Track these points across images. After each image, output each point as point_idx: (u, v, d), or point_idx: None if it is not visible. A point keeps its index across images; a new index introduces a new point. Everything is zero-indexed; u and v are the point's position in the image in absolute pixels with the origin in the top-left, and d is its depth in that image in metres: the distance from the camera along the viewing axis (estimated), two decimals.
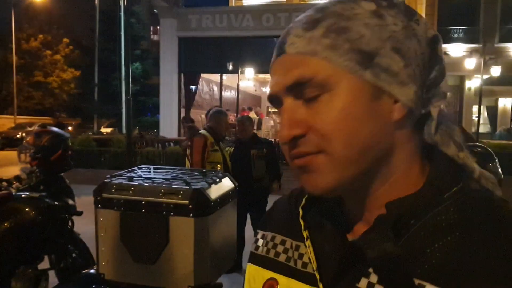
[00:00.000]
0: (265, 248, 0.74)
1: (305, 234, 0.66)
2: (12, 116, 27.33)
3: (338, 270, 0.60)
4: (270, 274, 0.71)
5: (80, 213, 3.30)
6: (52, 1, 30.92)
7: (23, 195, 3.15)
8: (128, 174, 2.20)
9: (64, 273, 3.35)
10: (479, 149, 3.36)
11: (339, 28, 0.57)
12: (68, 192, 3.57)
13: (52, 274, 3.31)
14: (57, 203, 3.24)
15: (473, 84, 16.85)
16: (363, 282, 0.57)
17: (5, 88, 30.39)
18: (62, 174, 3.61)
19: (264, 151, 5.07)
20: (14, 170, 3.74)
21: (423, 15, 27.46)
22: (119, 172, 2.23)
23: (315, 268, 0.63)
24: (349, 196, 0.63)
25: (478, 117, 15.73)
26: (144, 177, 2.16)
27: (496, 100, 23.97)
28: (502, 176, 3.11)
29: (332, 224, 0.65)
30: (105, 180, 2.08)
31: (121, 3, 21.03)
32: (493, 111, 24.42)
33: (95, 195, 2.04)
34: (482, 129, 18.37)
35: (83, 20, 30.59)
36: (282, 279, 0.68)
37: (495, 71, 16.55)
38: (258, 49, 17.04)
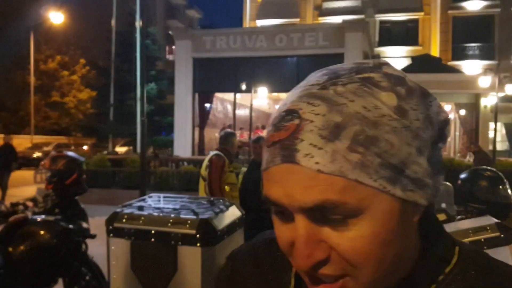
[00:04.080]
0: None
1: None
2: (29, 136, 27.80)
3: None
4: None
5: (93, 236, 3.35)
6: (70, 23, 31.64)
7: (38, 219, 3.22)
8: (138, 204, 2.26)
9: None
10: (489, 173, 3.33)
11: (367, 139, 0.47)
12: (82, 216, 3.63)
13: None
14: (71, 227, 3.30)
15: (488, 101, 16.69)
16: None
17: (23, 108, 30.97)
18: (77, 197, 3.69)
19: None
20: (30, 190, 3.82)
21: (437, 32, 27.15)
22: (130, 202, 2.29)
23: None
24: None
25: (495, 134, 15.50)
26: (153, 207, 2.21)
27: None
28: None
29: None
30: (117, 210, 2.14)
31: (137, 24, 21.47)
32: (510, 128, 24.09)
33: (107, 225, 2.10)
34: (499, 147, 18.11)
35: (100, 41, 31.22)
36: None
37: (511, 89, 16.37)
38: (271, 68, 17.23)
